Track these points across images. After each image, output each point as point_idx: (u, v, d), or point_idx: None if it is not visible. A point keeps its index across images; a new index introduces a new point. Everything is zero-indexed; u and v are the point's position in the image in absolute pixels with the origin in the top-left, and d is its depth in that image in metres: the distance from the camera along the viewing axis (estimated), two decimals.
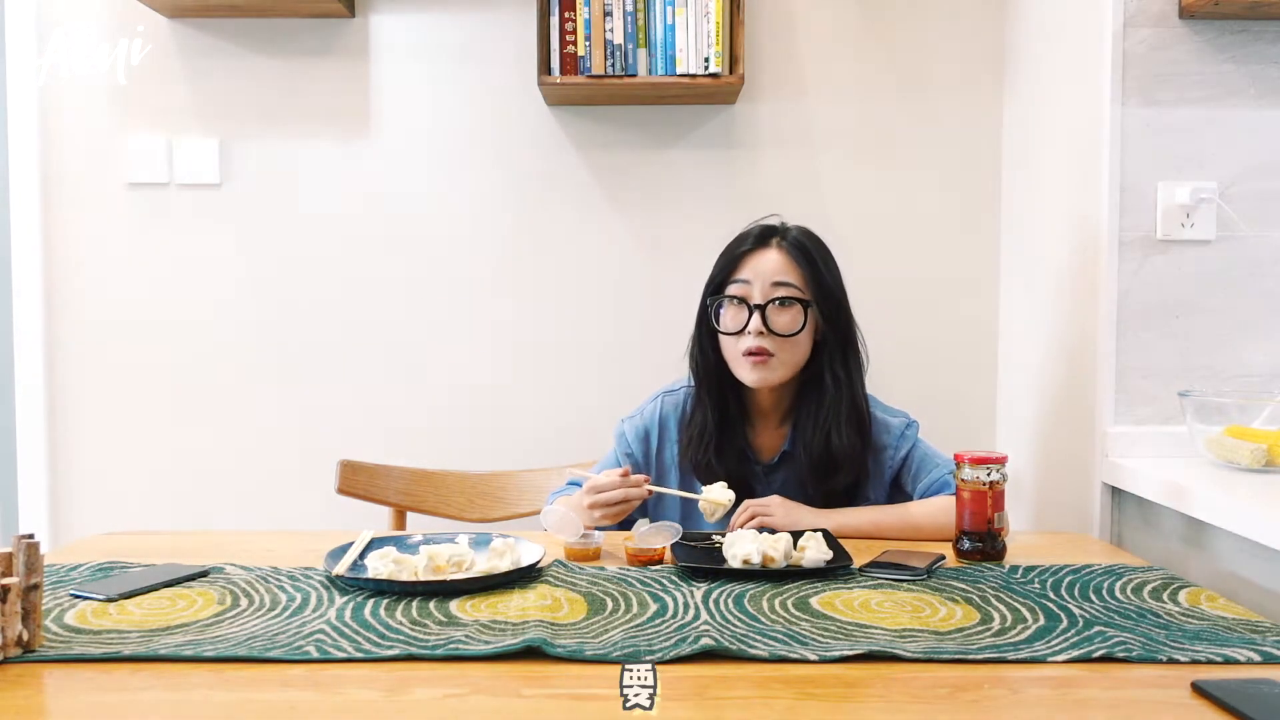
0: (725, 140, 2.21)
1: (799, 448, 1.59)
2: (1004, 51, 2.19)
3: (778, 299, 1.54)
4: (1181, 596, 1.22)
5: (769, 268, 1.55)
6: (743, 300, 1.54)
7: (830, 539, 1.38)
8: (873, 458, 1.60)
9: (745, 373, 1.55)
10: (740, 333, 1.54)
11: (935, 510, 1.52)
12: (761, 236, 1.59)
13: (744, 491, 1.57)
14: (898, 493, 1.64)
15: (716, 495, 1.47)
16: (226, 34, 2.20)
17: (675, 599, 1.20)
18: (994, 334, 2.23)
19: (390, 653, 1.02)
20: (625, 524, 1.62)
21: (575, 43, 2.02)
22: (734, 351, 1.56)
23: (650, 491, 1.49)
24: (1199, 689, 0.92)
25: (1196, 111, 1.67)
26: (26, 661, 1.00)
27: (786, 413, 1.63)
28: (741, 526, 1.48)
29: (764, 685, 0.95)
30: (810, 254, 1.56)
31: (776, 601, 1.19)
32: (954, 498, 1.53)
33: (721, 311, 1.57)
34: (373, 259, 2.23)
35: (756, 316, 1.52)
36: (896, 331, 2.20)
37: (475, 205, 2.22)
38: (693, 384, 1.64)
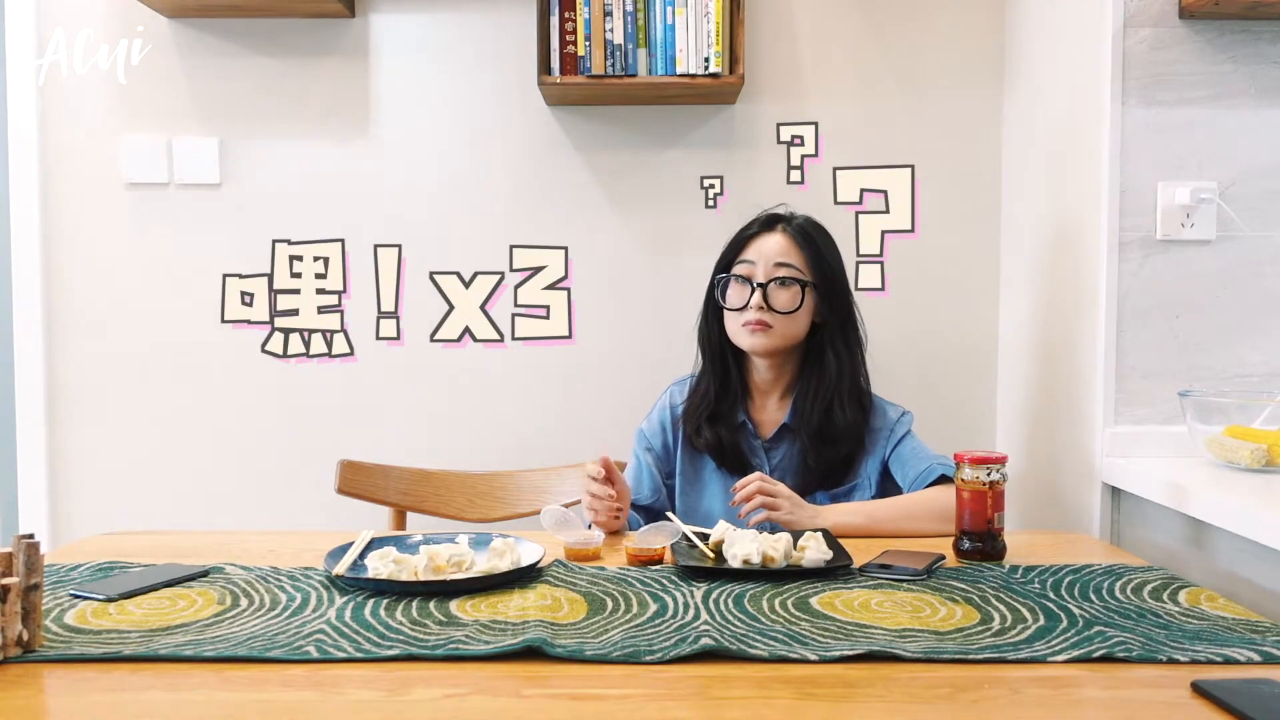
0: (725, 140, 2.21)
1: (799, 420, 1.66)
2: (1004, 51, 2.19)
3: (779, 278, 1.63)
4: (1181, 596, 1.22)
5: (772, 249, 1.65)
6: (746, 279, 1.65)
7: (830, 539, 1.38)
8: (869, 435, 1.68)
9: (744, 339, 1.65)
10: (743, 308, 1.63)
11: (928, 497, 1.57)
12: (768, 221, 1.70)
13: (743, 466, 1.66)
14: (888, 482, 1.67)
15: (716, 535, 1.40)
16: (226, 34, 2.20)
17: (675, 599, 1.20)
18: (994, 334, 2.23)
19: (390, 653, 1.02)
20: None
21: (575, 43, 2.02)
22: (736, 325, 1.66)
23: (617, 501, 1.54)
24: (1199, 689, 0.92)
25: (1196, 111, 1.67)
26: (26, 661, 1.00)
27: (787, 389, 1.71)
28: (748, 509, 1.49)
29: (764, 685, 0.95)
30: (812, 238, 1.67)
31: (776, 601, 1.19)
32: (944, 485, 1.58)
33: (727, 288, 1.67)
34: (372, 258, 2.22)
35: (758, 293, 1.63)
36: (897, 331, 2.19)
37: (475, 205, 2.22)
38: (700, 358, 1.75)
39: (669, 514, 1.50)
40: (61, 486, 2.25)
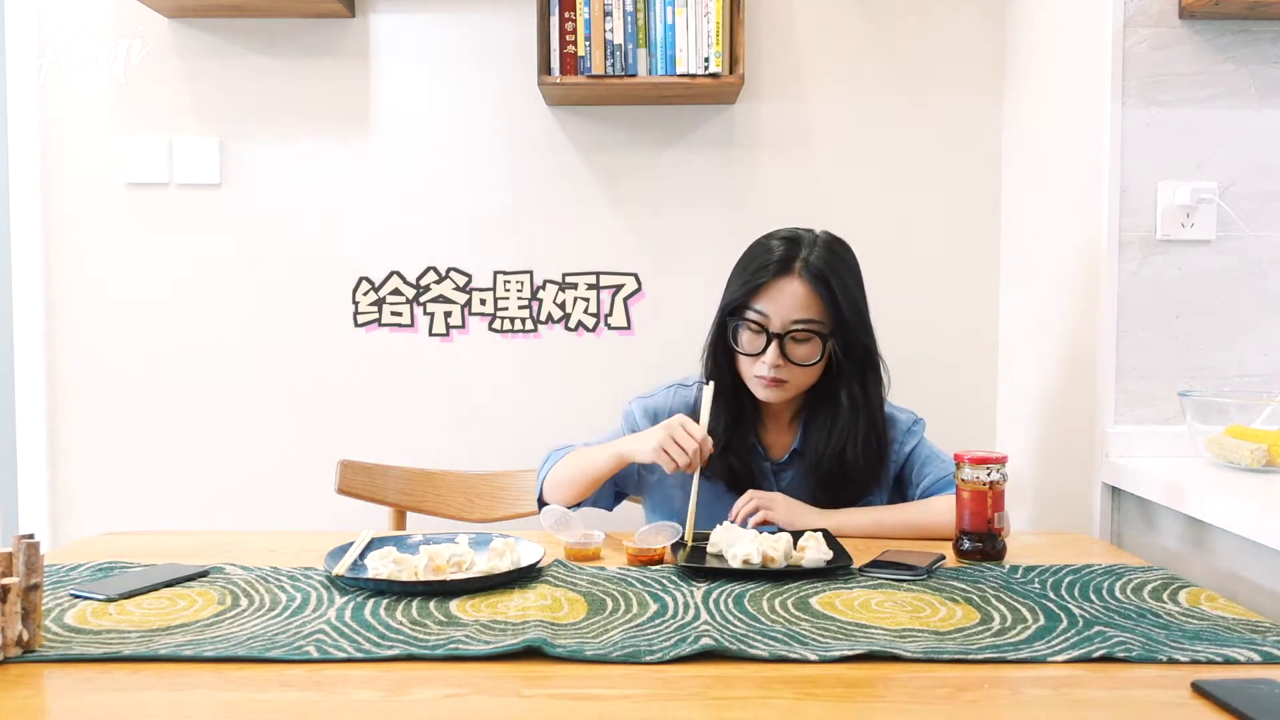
0: (725, 140, 2.21)
1: (809, 450, 1.60)
2: (1004, 51, 2.19)
3: (797, 334, 1.52)
4: (1181, 596, 1.22)
5: (789, 302, 1.51)
6: (761, 327, 1.52)
7: (830, 539, 1.38)
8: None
9: (759, 391, 1.55)
10: (757, 354, 1.53)
11: (937, 511, 1.53)
12: (783, 263, 1.52)
13: (753, 487, 1.60)
14: (899, 490, 1.65)
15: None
16: (226, 34, 2.20)
17: (675, 599, 1.20)
18: (994, 334, 2.23)
19: (390, 653, 1.02)
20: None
21: (575, 43, 2.02)
22: (749, 372, 1.55)
23: (703, 462, 1.46)
24: (1199, 689, 0.92)
25: (1196, 111, 1.67)
26: (26, 661, 1.00)
27: (797, 413, 1.64)
28: (742, 516, 1.49)
29: (764, 685, 0.95)
30: (831, 285, 1.51)
31: (776, 601, 1.19)
32: (955, 498, 1.54)
33: (739, 332, 1.55)
34: (372, 259, 2.23)
35: (774, 349, 1.51)
36: (896, 332, 2.17)
37: (475, 205, 2.22)
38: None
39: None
40: (61, 486, 2.25)
